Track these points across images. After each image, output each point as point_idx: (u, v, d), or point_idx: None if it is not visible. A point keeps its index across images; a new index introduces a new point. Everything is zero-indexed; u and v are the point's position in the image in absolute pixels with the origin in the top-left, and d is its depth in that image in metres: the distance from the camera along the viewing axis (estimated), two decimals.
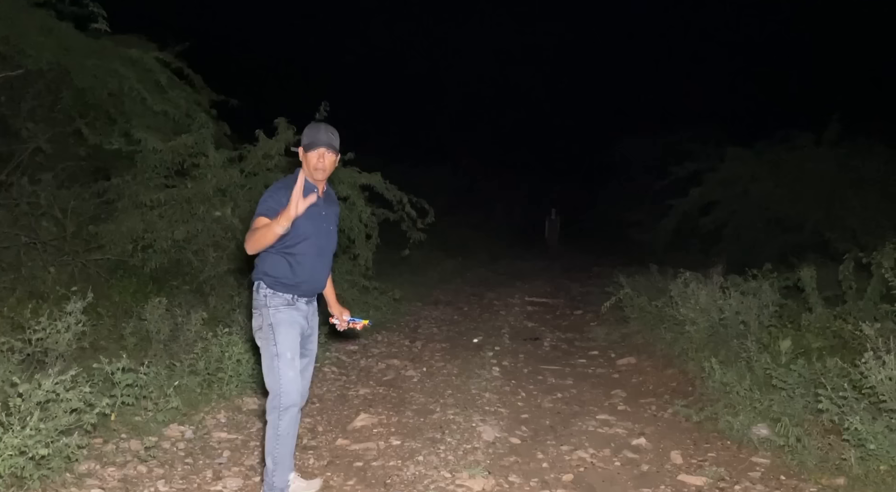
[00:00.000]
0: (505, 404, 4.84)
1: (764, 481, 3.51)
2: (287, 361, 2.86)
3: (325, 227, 3.04)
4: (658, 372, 5.74)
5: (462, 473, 3.48)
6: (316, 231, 2.97)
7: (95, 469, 3.23)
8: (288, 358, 2.86)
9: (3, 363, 3.44)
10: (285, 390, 2.85)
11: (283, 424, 2.87)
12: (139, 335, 4.93)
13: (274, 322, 2.89)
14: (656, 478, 3.58)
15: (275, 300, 2.91)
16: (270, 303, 2.91)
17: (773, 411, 4.09)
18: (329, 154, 2.94)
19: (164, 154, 6.49)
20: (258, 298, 2.94)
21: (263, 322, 2.91)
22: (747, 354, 4.88)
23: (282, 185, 2.95)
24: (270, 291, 2.91)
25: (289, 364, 2.86)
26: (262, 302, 2.92)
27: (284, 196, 2.78)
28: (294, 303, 2.93)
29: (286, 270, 2.91)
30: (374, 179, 7.43)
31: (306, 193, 2.86)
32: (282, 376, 2.85)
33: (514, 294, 10.36)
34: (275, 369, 2.86)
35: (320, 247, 3.02)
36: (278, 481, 2.91)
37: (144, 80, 7.30)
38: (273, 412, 2.87)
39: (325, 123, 3.03)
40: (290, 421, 2.89)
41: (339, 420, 4.35)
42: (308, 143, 2.94)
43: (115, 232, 6.23)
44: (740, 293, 5.66)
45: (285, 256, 2.91)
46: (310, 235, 2.93)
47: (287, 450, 2.91)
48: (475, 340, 6.96)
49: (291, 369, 2.87)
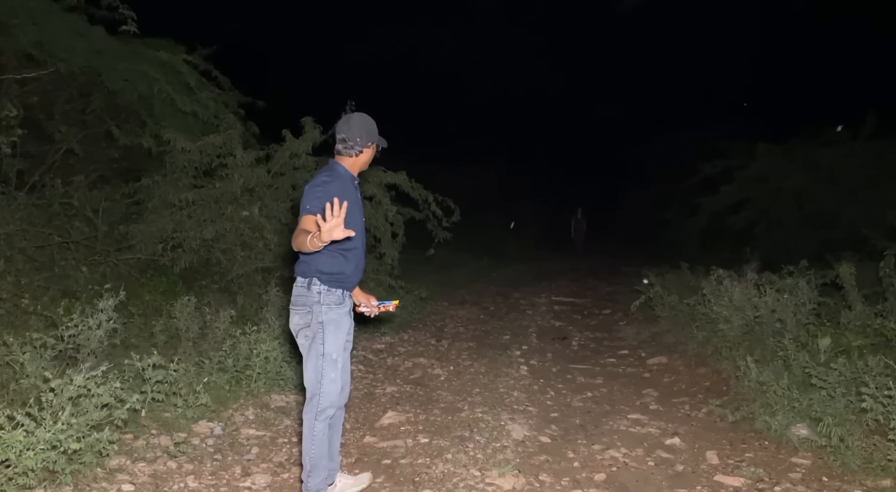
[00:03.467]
0: (534, 402, 4.77)
1: (805, 483, 3.40)
2: (331, 362, 2.81)
3: (363, 219, 3.04)
4: (690, 371, 5.61)
5: (492, 471, 3.42)
6: (360, 225, 2.94)
7: (126, 465, 3.24)
8: (333, 359, 2.81)
9: (36, 359, 3.47)
10: (325, 392, 2.81)
11: (319, 425, 2.83)
12: (169, 333, 4.97)
13: (325, 321, 2.82)
14: (692, 478, 3.49)
15: (329, 298, 2.84)
16: (324, 300, 2.83)
17: (814, 411, 3.95)
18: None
19: (193, 154, 6.55)
20: (309, 296, 2.83)
21: (313, 320, 2.83)
22: (784, 353, 4.74)
23: (327, 178, 2.83)
24: (325, 288, 2.83)
25: (332, 365, 2.81)
26: (315, 299, 2.82)
27: (336, 191, 2.68)
28: (343, 300, 2.89)
29: (342, 265, 2.86)
30: (400, 178, 7.42)
31: (349, 185, 2.88)
32: (324, 376, 2.80)
33: (540, 294, 10.27)
34: (318, 368, 2.81)
35: (363, 239, 3.01)
36: (313, 483, 2.85)
37: (174, 83, 7.39)
38: (309, 413, 2.83)
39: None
40: (326, 423, 2.85)
41: (367, 418, 4.33)
42: (376, 137, 2.95)
43: (145, 232, 6.31)
44: (776, 291, 5.50)
45: (341, 253, 2.85)
46: (357, 229, 2.84)
47: (322, 452, 2.86)
48: (505, 337, 6.89)
49: (334, 371, 2.82)
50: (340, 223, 2.46)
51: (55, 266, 5.78)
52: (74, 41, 6.82)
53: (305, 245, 2.58)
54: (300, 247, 2.64)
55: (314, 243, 2.53)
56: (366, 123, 2.95)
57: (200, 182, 6.71)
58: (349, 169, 2.94)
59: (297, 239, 2.65)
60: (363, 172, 3.11)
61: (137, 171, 7.20)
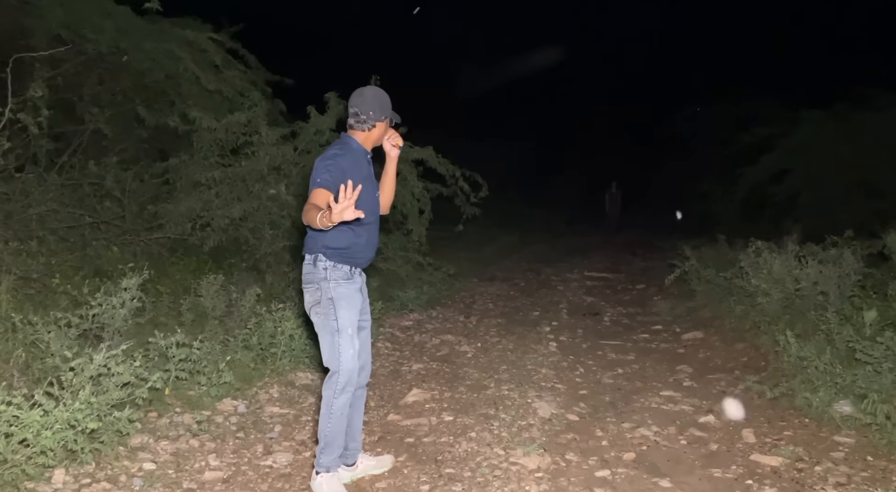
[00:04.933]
0: (562, 379, 4.66)
1: (848, 462, 3.23)
2: (348, 336, 2.76)
3: (376, 195, 2.96)
4: (727, 347, 5.42)
5: (516, 450, 3.33)
6: (373, 199, 2.89)
7: (148, 443, 3.24)
8: (349, 334, 2.76)
9: (61, 338, 3.49)
10: (345, 368, 2.75)
11: (339, 403, 2.77)
12: (196, 312, 4.98)
13: (335, 296, 2.76)
14: (727, 457, 3.34)
15: (335, 273, 2.78)
16: (331, 276, 2.77)
17: (858, 387, 3.76)
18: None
19: (219, 133, 6.54)
20: (316, 272, 2.79)
21: (322, 296, 2.78)
22: (827, 327, 4.52)
23: (339, 151, 2.77)
24: (331, 264, 2.78)
25: (349, 340, 2.76)
26: (322, 276, 2.77)
27: (347, 166, 2.68)
28: (352, 276, 2.82)
29: (350, 240, 2.79)
30: (427, 153, 7.30)
31: (362, 159, 2.82)
32: (342, 352, 2.75)
33: (572, 269, 10.09)
34: (335, 345, 2.75)
35: (376, 214, 2.94)
36: (325, 459, 2.82)
37: (200, 61, 7.37)
38: (329, 390, 2.78)
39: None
40: (346, 401, 2.79)
41: (392, 395, 4.28)
42: (389, 111, 2.88)
43: (173, 211, 6.33)
44: (818, 262, 5.25)
45: (350, 228, 2.75)
46: (370, 204, 2.81)
47: (337, 429, 2.81)
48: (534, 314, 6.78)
49: (352, 347, 2.76)
50: (352, 205, 2.38)
51: (87, 246, 5.85)
52: (101, 21, 6.83)
53: (315, 222, 2.50)
54: (310, 222, 2.56)
55: (323, 222, 2.46)
56: (379, 97, 2.88)
57: (227, 161, 6.70)
58: (362, 143, 2.86)
59: (307, 214, 2.58)
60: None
61: (166, 151, 7.23)
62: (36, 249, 5.30)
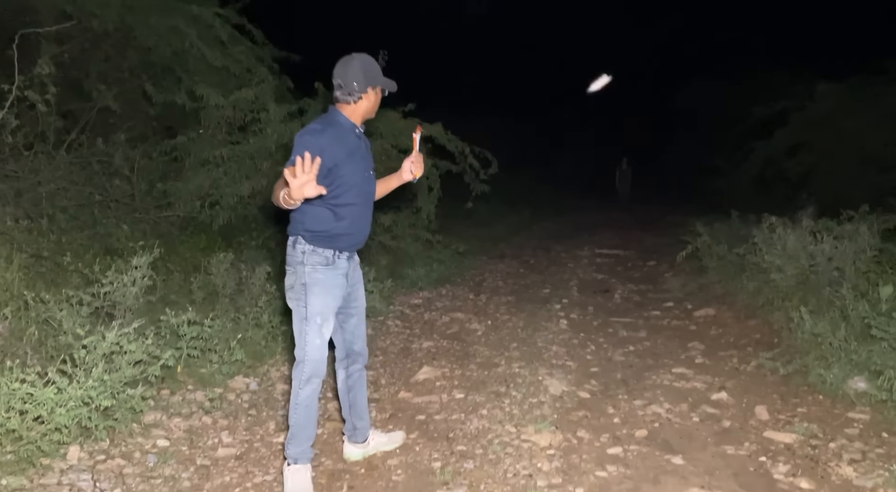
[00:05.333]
0: (573, 357, 4.64)
1: (863, 439, 3.20)
2: (315, 326, 2.61)
3: (369, 173, 2.76)
4: (739, 323, 5.38)
5: (528, 427, 3.33)
6: (362, 178, 2.69)
7: (162, 420, 3.27)
8: (317, 323, 2.61)
9: (73, 316, 3.50)
10: (310, 358, 2.62)
11: (304, 394, 2.65)
12: (207, 290, 4.99)
13: (308, 282, 2.61)
14: (740, 434, 3.33)
15: (313, 258, 2.62)
16: (308, 260, 2.61)
17: (873, 363, 3.72)
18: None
19: (226, 110, 6.49)
20: (294, 255, 2.64)
21: (297, 281, 2.63)
22: (842, 303, 4.47)
23: (318, 126, 2.56)
24: (310, 248, 2.61)
25: (317, 331, 2.61)
26: (299, 259, 2.62)
27: (327, 142, 2.48)
28: (334, 261, 2.64)
29: (331, 222, 2.61)
30: (436, 130, 7.22)
31: (350, 134, 2.62)
32: (308, 342, 2.61)
33: (582, 246, 10.03)
34: (302, 333, 2.62)
35: (367, 194, 2.75)
36: (292, 450, 2.69)
37: (205, 37, 7.29)
38: (295, 380, 2.66)
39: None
40: (311, 392, 2.66)
41: (402, 373, 4.28)
42: (380, 81, 2.66)
43: (182, 189, 6.32)
44: (833, 238, 5.18)
45: (331, 209, 2.60)
46: (357, 183, 2.65)
47: (304, 421, 2.67)
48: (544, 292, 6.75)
49: (319, 337, 2.62)
50: (312, 180, 2.20)
51: (97, 224, 5.86)
52: None
53: (279, 201, 2.34)
54: (276, 201, 2.39)
55: (286, 201, 2.29)
56: (365, 66, 2.63)
57: (235, 138, 6.67)
58: (349, 117, 2.66)
59: (274, 193, 2.41)
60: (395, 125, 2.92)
61: (174, 128, 7.20)
62: (47, 228, 5.31)
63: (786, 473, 2.91)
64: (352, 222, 2.67)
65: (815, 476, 2.87)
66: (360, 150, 2.69)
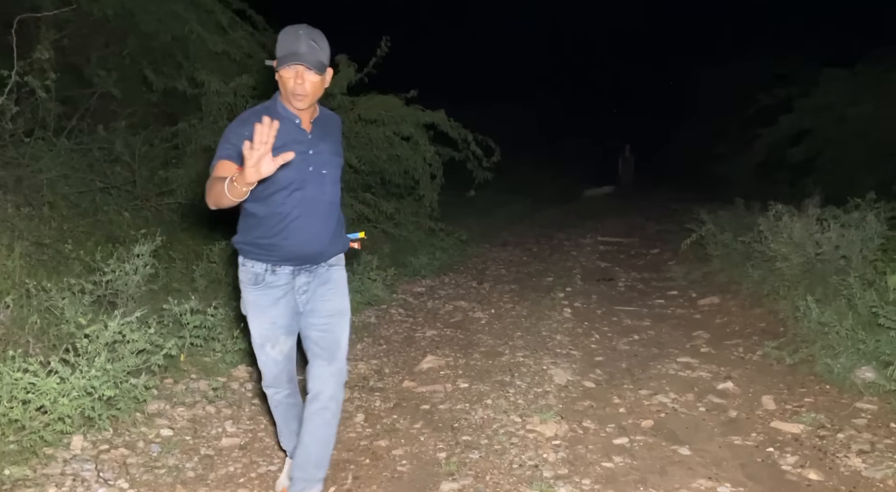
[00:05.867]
0: (577, 346, 4.62)
1: (871, 429, 3.18)
2: (257, 346, 2.34)
3: (315, 170, 2.22)
4: (745, 312, 5.36)
5: (533, 417, 3.31)
6: (302, 177, 2.17)
7: (165, 409, 3.25)
8: (257, 344, 2.34)
9: (75, 305, 3.47)
10: (263, 374, 2.41)
11: (271, 399, 2.51)
12: (209, 278, 4.97)
13: (246, 301, 2.29)
14: (746, 425, 3.31)
15: (243, 274, 2.26)
16: (241, 277, 2.27)
17: (881, 353, 3.69)
18: (310, 74, 2.09)
19: (227, 96, 6.43)
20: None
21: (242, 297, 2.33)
22: (849, 292, 4.42)
23: (251, 115, 2.13)
24: (240, 260, 2.26)
25: (259, 349, 2.35)
26: (237, 273, 2.30)
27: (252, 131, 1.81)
28: (265, 278, 2.23)
29: (259, 229, 2.20)
30: (438, 117, 7.16)
31: (286, 126, 2.07)
32: (258, 359, 2.38)
33: (585, 234, 10.00)
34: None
35: (310, 198, 2.21)
36: (284, 444, 2.65)
37: (206, 23, 7.22)
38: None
39: (308, 26, 2.14)
40: (275, 401, 2.49)
41: (406, 362, 4.26)
42: (282, 55, 2.10)
43: (184, 177, 6.27)
44: (840, 225, 5.13)
45: (259, 212, 2.20)
46: (292, 183, 2.15)
47: (283, 420, 2.55)
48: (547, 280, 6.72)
49: (263, 354, 2.35)
50: (268, 152, 1.78)
51: (98, 212, 5.82)
52: None
53: (223, 196, 1.91)
54: (216, 200, 1.97)
55: (236, 190, 1.88)
56: (281, 37, 2.14)
57: None
58: (282, 101, 2.20)
59: (210, 192, 1.99)
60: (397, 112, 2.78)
61: (175, 115, 7.14)
62: (48, 215, 5.27)
63: (794, 464, 2.89)
64: (289, 230, 2.19)
65: (824, 467, 2.85)
66: (300, 144, 2.16)
